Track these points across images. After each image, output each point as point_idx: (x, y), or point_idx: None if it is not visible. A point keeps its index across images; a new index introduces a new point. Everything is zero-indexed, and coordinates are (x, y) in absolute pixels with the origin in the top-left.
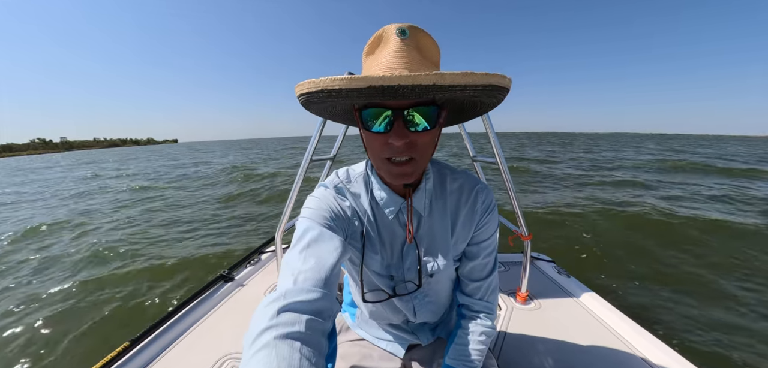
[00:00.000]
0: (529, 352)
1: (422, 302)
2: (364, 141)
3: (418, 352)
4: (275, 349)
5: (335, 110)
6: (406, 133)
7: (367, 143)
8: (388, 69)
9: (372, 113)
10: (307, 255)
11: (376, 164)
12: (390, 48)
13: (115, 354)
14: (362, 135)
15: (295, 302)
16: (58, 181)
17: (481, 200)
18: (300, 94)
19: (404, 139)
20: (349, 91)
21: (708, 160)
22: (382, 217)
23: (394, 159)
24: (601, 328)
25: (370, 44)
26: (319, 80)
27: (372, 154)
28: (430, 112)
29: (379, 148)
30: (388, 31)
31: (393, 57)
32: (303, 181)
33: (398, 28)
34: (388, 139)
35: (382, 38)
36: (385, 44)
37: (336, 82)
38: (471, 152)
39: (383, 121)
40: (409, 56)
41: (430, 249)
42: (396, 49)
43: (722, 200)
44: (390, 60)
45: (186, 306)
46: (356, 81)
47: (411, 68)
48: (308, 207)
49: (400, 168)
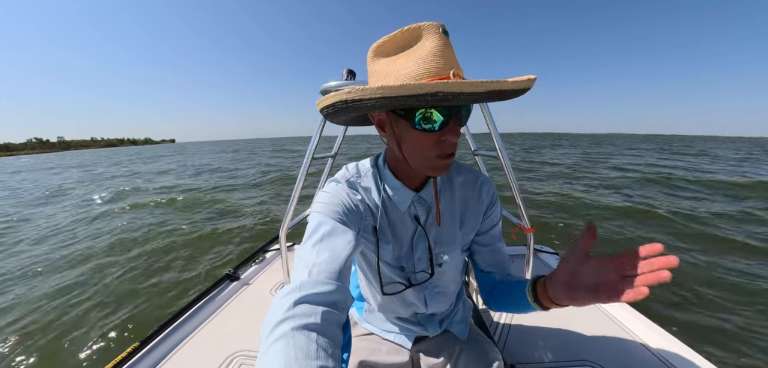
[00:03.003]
0: (534, 344)
1: (432, 292)
2: (403, 139)
3: (426, 344)
4: (293, 339)
5: (357, 117)
6: (458, 129)
7: (411, 140)
8: (442, 68)
9: (428, 114)
10: (321, 248)
11: (417, 161)
12: (434, 45)
13: (126, 354)
14: (397, 134)
15: (310, 294)
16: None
17: (486, 191)
18: (340, 100)
19: (459, 136)
20: (410, 96)
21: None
22: (394, 211)
23: (444, 153)
24: (605, 319)
25: (396, 42)
26: (373, 87)
27: (417, 151)
28: (469, 109)
29: (430, 145)
30: (430, 28)
31: (444, 55)
32: (304, 179)
33: (440, 26)
34: (441, 136)
35: (421, 35)
36: (424, 42)
37: (401, 90)
38: (472, 146)
39: (440, 121)
40: (452, 56)
41: (439, 240)
42: (443, 47)
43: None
44: (440, 60)
45: (193, 306)
46: (429, 87)
47: (456, 68)
48: (320, 201)
49: (448, 160)
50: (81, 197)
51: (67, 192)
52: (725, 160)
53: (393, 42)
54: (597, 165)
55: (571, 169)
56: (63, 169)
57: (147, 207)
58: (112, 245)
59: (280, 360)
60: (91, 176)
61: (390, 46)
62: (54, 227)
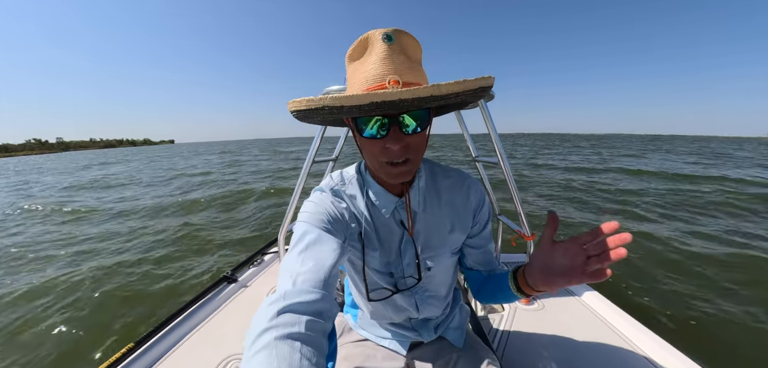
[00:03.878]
0: (533, 352)
1: (423, 296)
2: (359, 145)
3: (421, 350)
4: (275, 349)
5: (328, 120)
6: (402, 136)
7: (363, 147)
8: (378, 76)
9: (367, 120)
10: (306, 257)
11: (373, 167)
12: (377, 54)
13: (119, 355)
14: (357, 139)
15: (294, 303)
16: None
17: (473, 193)
18: (296, 109)
19: (400, 143)
20: (351, 107)
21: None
22: (379, 216)
23: (392, 161)
24: (604, 328)
25: (354, 49)
26: (319, 98)
27: (369, 157)
28: (423, 115)
29: (377, 152)
30: (374, 37)
31: (382, 64)
32: (305, 183)
33: (384, 33)
34: (384, 143)
35: (367, 44)
36: (371, 50)
37: (337, 101)
38: (473, 152)
39: (377, 126)
40: (396, 62)
41: (427, 244)
42: (383, 55)
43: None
44: (379, 67)
45: (190, 307)
46: (358, 98)
47: (400, 73)
48: (305, 211)
49: (398, 168)
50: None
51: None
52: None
53: (354, 50)
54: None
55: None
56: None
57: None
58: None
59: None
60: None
61: (352, 53)
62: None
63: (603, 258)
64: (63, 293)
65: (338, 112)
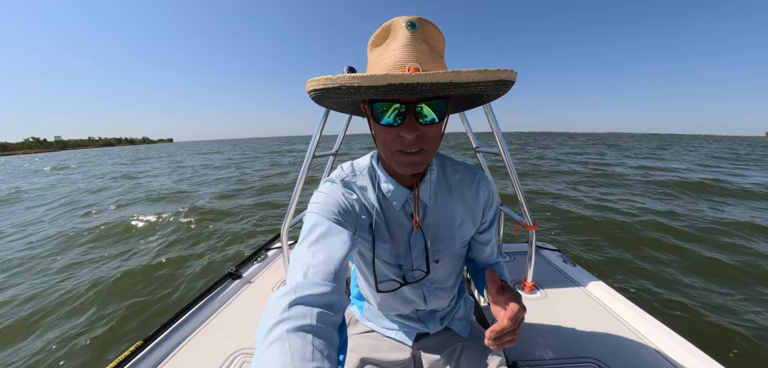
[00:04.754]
0: (536, 342)
1: (430, 289)
2: (374, 132)
3: (427, 341)
4: (288, 342)
5: (343, 103)
6: (417, 125)
7: (378, 135)
8: (398, 63)
9: (383, 106)
10: (316, 249)
11: (385, 155)
12: (399, 41)
13: (128, 353)
14: (371, 127)
15: (306, 295)
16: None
17: (482, 188)
18: (314, 89)
19: (415, 132)
20: (368, 88)
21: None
22: (389, 209)
23: (405, 150)
24: (607, 316)
25: (377, 36)
26: (337, 77)
27: (382, 146)
28: (440, 105)
29: (391, 140)
30: (397, 24)
31: (403, 51)
32: (306, 176)
33: (407, 20)
34: (399, 131)
35: (390, 30)
36: (393, 37)
37: (355, 80)
38: (474, 143)
39: (393, 114)
40: (418, 49)
41: (436, 237)
42: (405, 42)
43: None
44: (400, 54)
45: (196, 304)
46: (375, 79)
47: (421, 62)
48: (316, 202)
49: (411, 158)
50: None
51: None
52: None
53: (376, 36)
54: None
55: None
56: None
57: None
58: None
59: (276, 363)
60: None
61: (374, 40)
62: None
63: (497, 341)
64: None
65: (356, 93)
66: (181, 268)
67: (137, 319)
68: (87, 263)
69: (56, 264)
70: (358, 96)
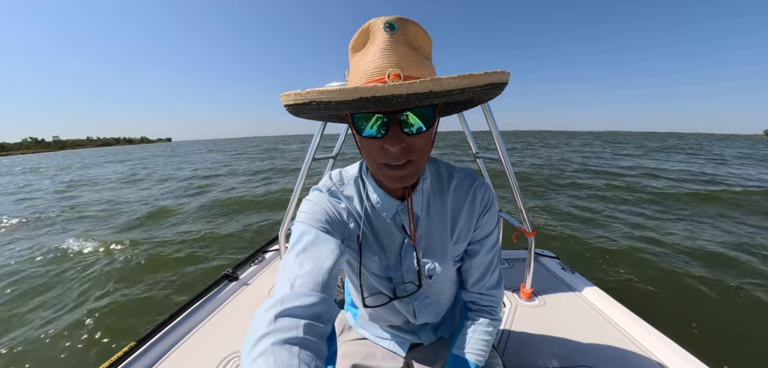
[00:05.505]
0: (534, 349)
1: (422, 303)
2: (358, 144)
3: (421, 352)
4: (274, 355)
5: (323, 115)
6: (402, 136)
7: (363, 146)
8: (377, 69)
9: (364, 117)
10: (304, 259)
11: (372, 168)
12: (377, 45)
13: (121, 354)
14: (356, 139)
15: (292, 307)
16: None
17: (479, 197)
18: (287, 104)
19: (400, 144)
20: (339, 103)
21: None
22: (379, 220)
23: (391, 163)
24: (606, 324)
25: (356, 40)
26: (306, 91)
27: (368, 158)
28: (426, 113)
29: (376, 153)
30: (375, 26)
31: (381, 56)
32: (305, 180)
33: (385, 21)
34: (383, 143)
35: (369, 33)
36: (372, 40)
37: (324, 95)
38: (473, 149)
39: (376, 125)
40: (399, 53)
41: (429, 251)
42: (384, 45)
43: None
44: (378, 59)
45: (191, 305)
46: (345, 93)
47: (403, 66)
48: (303, 211)
49: (398, 172)
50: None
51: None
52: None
53: (355, 40)
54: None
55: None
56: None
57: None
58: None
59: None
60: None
61: (354, 45)
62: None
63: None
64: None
65: (326, 108)
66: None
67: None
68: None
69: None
70: (329, 111)
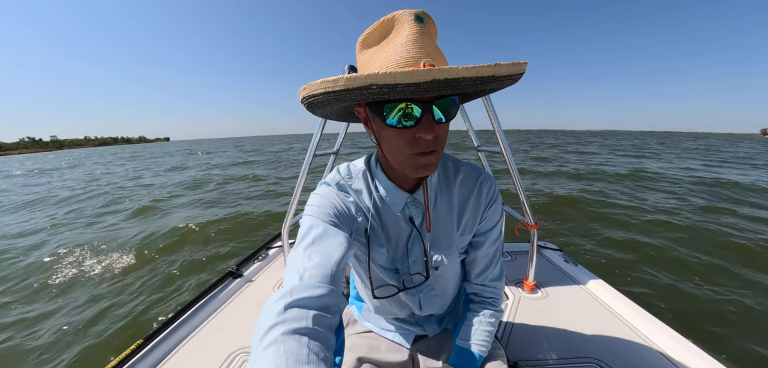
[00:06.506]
0: (537, 341)
1: (428, 295)
2: (380, 136)
3: (425, 343)
4: (283, 345)
5: (337, 110)
6: (434, 126)
7: (386, 139)
8: (410, 59)
9: (397, 108)
10: (312, 252)
11: (396, 159)
12: (407, 36)
13: (129, 352)
14: (374, 131)
15: (301, 298)
16: None
17: (485, 190)
18: (311, 94)
19: (433, 133)
20: (407, 85)
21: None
22: (387, 213)
23: (422, 151)
24: (609, 316)
25: (371, 33)
26: (365, 76)
27: (392, 150)
28: (453, 103)
29: (405, 143)
30: (402, 17)
31: (414, 46)
32: (306, 176)
33: (414, 14)
34: (415, 133)
35: (393, 25)
36: (398, 32)
37: (387, 78)
38: (475, 142)
39: (410, 116)
40: (427, 45)
41: (435, 242)
42: (415, 36)
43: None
44: (411, 49)
45: (196, 303)
46: (419, 74)
47: (433, 57)
48: (312, 204)
49: (427, 158)
50: None
51: None
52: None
53: (375, 33)
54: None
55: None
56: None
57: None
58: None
59: (271, 366)
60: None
61: (373, 37)
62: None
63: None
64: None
65: (390, 92)
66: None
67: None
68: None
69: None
70: (392, 95)
